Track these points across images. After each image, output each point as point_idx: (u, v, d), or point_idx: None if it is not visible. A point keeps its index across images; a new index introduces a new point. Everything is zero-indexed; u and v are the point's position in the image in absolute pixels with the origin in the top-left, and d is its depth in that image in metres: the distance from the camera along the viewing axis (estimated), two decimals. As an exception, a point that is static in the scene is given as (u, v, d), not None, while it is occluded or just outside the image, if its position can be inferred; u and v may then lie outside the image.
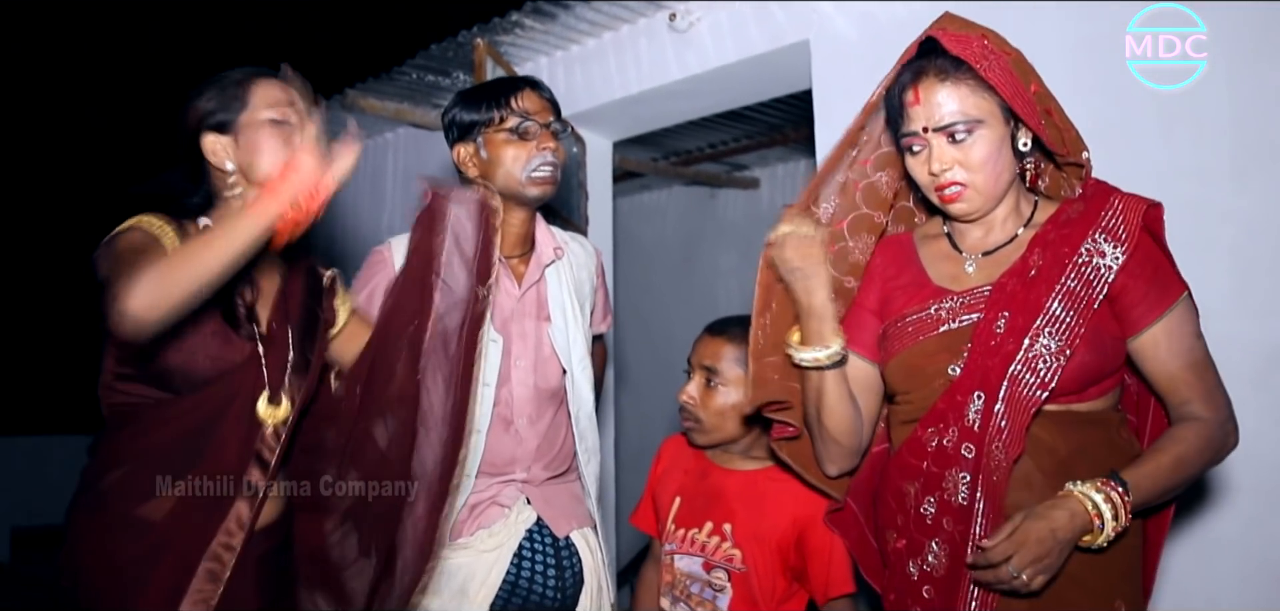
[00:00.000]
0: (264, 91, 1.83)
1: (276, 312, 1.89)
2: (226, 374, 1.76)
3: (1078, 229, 1.61)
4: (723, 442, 2.13)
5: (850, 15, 3.30)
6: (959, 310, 1.69)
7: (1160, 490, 1.57)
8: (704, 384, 2.11)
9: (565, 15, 3.87)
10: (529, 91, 2.19)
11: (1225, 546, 2.43)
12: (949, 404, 1.63)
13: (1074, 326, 1.56)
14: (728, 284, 6.72)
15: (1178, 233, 2.54)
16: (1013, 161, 1.66)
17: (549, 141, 2.15)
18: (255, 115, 1.81)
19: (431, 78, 4.46)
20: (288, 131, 1.81)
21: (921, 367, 1.71)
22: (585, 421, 2.23)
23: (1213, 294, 2.47)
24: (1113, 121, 2.62)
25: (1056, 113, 1.65)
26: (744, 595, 2.03)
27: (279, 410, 1.80)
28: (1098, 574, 1.60)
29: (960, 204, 1.65)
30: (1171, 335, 1.60)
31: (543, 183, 2.14)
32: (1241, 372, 2.41)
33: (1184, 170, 2.53)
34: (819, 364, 1.72)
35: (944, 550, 1.62)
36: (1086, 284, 1.57)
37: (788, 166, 6.52)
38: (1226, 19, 2.48)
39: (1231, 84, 2.47)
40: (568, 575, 2.14)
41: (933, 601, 1.64)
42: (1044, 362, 1.56)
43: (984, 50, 1.61)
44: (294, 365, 1.86)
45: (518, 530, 2.11)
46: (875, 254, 1.88)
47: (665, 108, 4.26)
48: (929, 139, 1.64)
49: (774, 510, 2.02)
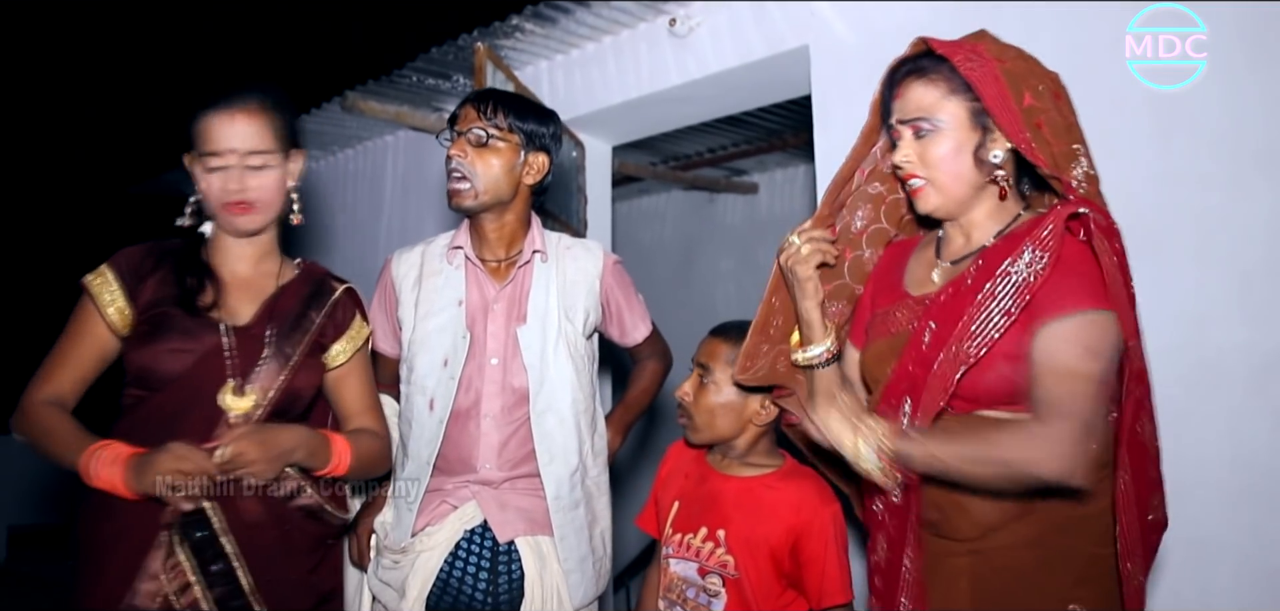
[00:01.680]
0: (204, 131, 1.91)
1: (264, 310, 1.99)
2: (189, 368, 1.87)
3: (1016, 241, 1.59)
4: (715, 442, 2.15)
5: (850, 20, 3.31)
6: (908, 316, 1.74)
7: (945, 464, 1.55)
8: (697, 381, 2.16)
9: (565, 19, 3.88)
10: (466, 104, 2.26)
11: (1222, 551, 2.44)
12: (886, 407, 1.69)
13: (986, 336, 1.55)
14: (726, 288, 6.72)
15: (1175, 239, 2.56)
16: (975, 169, 1.68)
17: (455, 149, 2.21)
18: (199, 151, 1.92)
19: (431, 81, 4.47)
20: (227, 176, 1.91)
21: (873, 366, 1.80)
22: (553, 423, 2.20)
23: (1210, 300, 2.48)
24: (1110, 128, 2.62)
25: (1048, 129, 1.63)
26: (738, 601, 2.03)
27: (243, 401, 1.89)
28: (1047, 574, 1.60)
29: (920, 198, 1.72)
30: (1054, 339, 1.52)
31: (451, 194, 2.21)
32: (1240, 379, 2.43)
33: (1181, 176, 2.54)
34: (804, 363, 1.83)
35: (886, 544, 1.69)
36: (1007, 294, 1.54)
37: (787, 172, 6.52)
38: (1224, 24, 2.48)
39: (1229, 89, 2.48)
40: (503, 581, 2.16)
41: (880, 592, 1.72)
42: (949, 370, 1.57)
43: (971, 51, 1.63)
44: (267, 361, 1.94)
45: (458, 530, 2.19)
46: (883, 256, 1.95)
47: (664, 112, 4.26)
48: (901, 131, 1.71)
49: (768, 517, 2.03)
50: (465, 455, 2.20)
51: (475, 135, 2.18)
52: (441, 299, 2.26)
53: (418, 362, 2.24)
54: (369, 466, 2.10)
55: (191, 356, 1.88)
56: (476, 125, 2.19)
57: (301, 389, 2.00)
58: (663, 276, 7.09)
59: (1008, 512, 1.59)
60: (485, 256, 2.28)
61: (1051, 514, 1.59)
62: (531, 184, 2.27)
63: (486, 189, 2.18)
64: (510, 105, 2.24)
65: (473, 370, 2.20)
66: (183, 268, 1.96)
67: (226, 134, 1.90)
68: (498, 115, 2.21)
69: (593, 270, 2.34)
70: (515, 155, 2.21)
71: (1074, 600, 1.60)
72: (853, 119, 3.30)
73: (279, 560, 1.92)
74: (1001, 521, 1.60)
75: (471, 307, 2.24)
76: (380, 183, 5.62)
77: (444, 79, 4.43)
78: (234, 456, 1.77)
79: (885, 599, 1.69)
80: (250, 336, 1.94)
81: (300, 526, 1.97)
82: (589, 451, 2.27)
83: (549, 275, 2.27)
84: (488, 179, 2.18)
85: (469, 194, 2.18)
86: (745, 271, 6.68)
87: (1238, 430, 2.41)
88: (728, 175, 6.61)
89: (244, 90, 1.94)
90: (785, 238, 1.82)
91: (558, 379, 2.20)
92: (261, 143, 1.93)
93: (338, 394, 2.12)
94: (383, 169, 5.61)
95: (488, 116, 2.20)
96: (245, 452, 1.78)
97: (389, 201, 5.52)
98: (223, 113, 1.91)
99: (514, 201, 2.25)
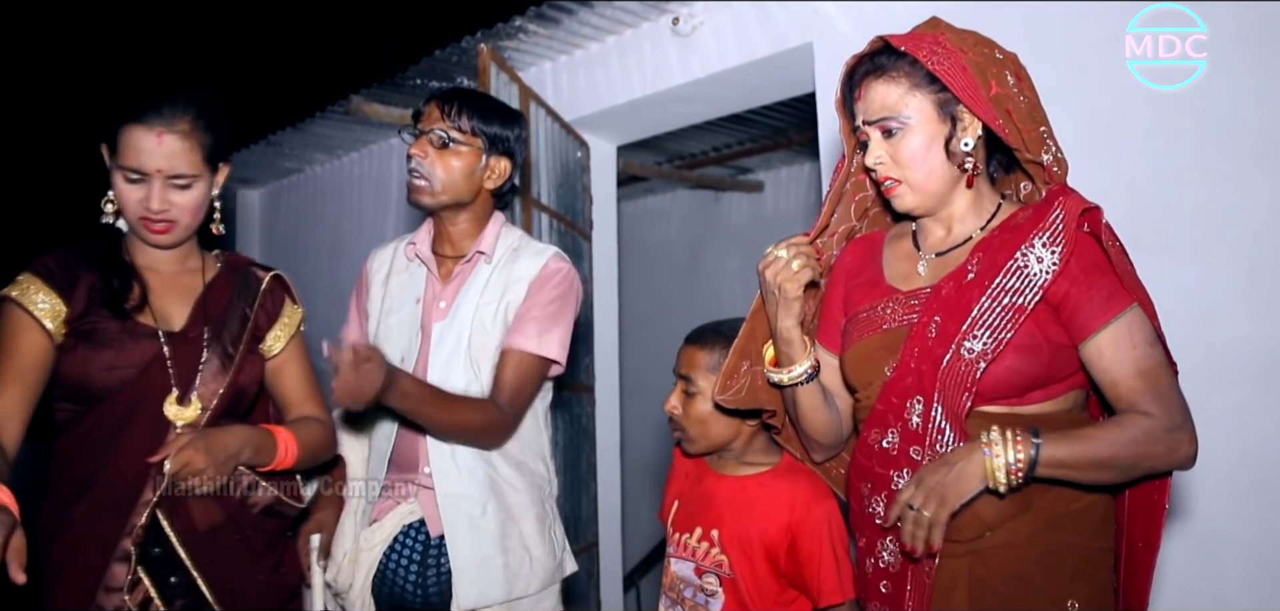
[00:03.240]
0: (128, 141, 1.80)
1: (196, 311, 1.94)
2: (130, 381, 1.82)
3: (1020, 233, 1.60)
4: (711, 449, 2.12)
5: (853, 18, 3.30)
6: (901, 311, 1.71)
7: (1081, 458, 1.53)
8: (683, 393, 2.10)
9: (568, 20, 3.88)
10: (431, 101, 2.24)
11: (1230, 547, 2.43)
12: (886, 405, 1.66)
13: (999, 330, 1.55)
14: (732, 287, 6.72)
15: (1181, 234, 2.56)
16: (946, 161, 1.66)
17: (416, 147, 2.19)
18: (119, 160, 1.82)
19: (436, 84, 4.48)
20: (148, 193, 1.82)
21: (864, 365, 1.75)
22: None
23: (1218, 296, 2.47)
24: (1116, 123, 2.62)
25: (1017, 115, 1.63)
26: (735, 601, 2.01)
27: (187, 410, 1.85)
28: (1044, 571, 1.59)
29: (898, 199, 1.69)
30: (1117, 343, 1.56)
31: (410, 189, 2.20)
32: (1247, 374, 2.42)
33: (1188, 172, 2.53)
34: (782, 384, 1.80)
35: (895, 545, 1.64)
36: (1018, 288, 1.56)
37: (791, 170, 6.52)
38: (1231, 19, 2.48)
39: (1236, 85, 2.47)
40: (432, 574, 2.16)
41: (888, 594, 1.67)
42: (966, 366, 1.56)
43: (935, 44, 1.62)
44: (208, 365, 1.90)
45: (397, 524, 2.20)
46: (844, 252, 1.91)
47: (669, 111, 4.27)
48: (868, 132, 1.69)
49: (762, 515, 2.01)
50: (414, 455, 2.20)
51: (437, 136, 2.17)
52: (403, 295, 2.28)
53: None
54: (316, 453, 2.06)
55: (131, 369, 1.82)
56: (439, 126, 2.18)
57: (246, 386, 1.97)
58: (668, 276, 7.09)
59: (1007, 510, 1.58)
60: (442, 252, 2.28)
61: (1048, 509, 1.59)
62: (492, 188, 2.26)
63: (444, 189, 2.17)
64: (474, 107, 2.22)
65: (421, 370, 2.19)
66: (108, 271, 1.87)
67: (150, 152, 1.79)
68: (461, 117, 2.19)
69: (528, 270, 2.24)
70: (476, 159, 2.20)
71: (1071, 596, 1.59)
72: (857, 116, 3.31)
73: (240, 564, 1.89)
74: (999, 519, 1.59)
75: (425, 306, 2.24)
76: (385, 186, 5.64)
77: (448, 82, 4.44)
78: (181, 467, 1.72)
79: (893, 603, 1.66)
80: (187, 341, 1.89)
81: (258, 525, 1.93)
82: (499, 455, 2.20)
83: (484, 277, 2.23)
84: (446, 180, 2.17)
85: (426, 192, 2.17)
86: (751, 271, 6.61)
87: (1246, 425, 2.40)
88: (733, 174, 6.61)
89: (174, 103, 1.82)
90: (770, 251, 1.77)
91: (461, 382, 2.15)
92: (187, 165, 1.83)
93: (277, 383, 2.07)
94: (388, 172, 5.62)
95: (451, 118, 2.18)
96: (192, 461, 1.73)
97: (394, 204, 5.54)
98: (148, 129, 1.79)
99: (473, 203, 2.24)
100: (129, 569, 1.75)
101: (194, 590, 1.82)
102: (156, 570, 1.79)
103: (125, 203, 1.84)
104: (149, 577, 1.78)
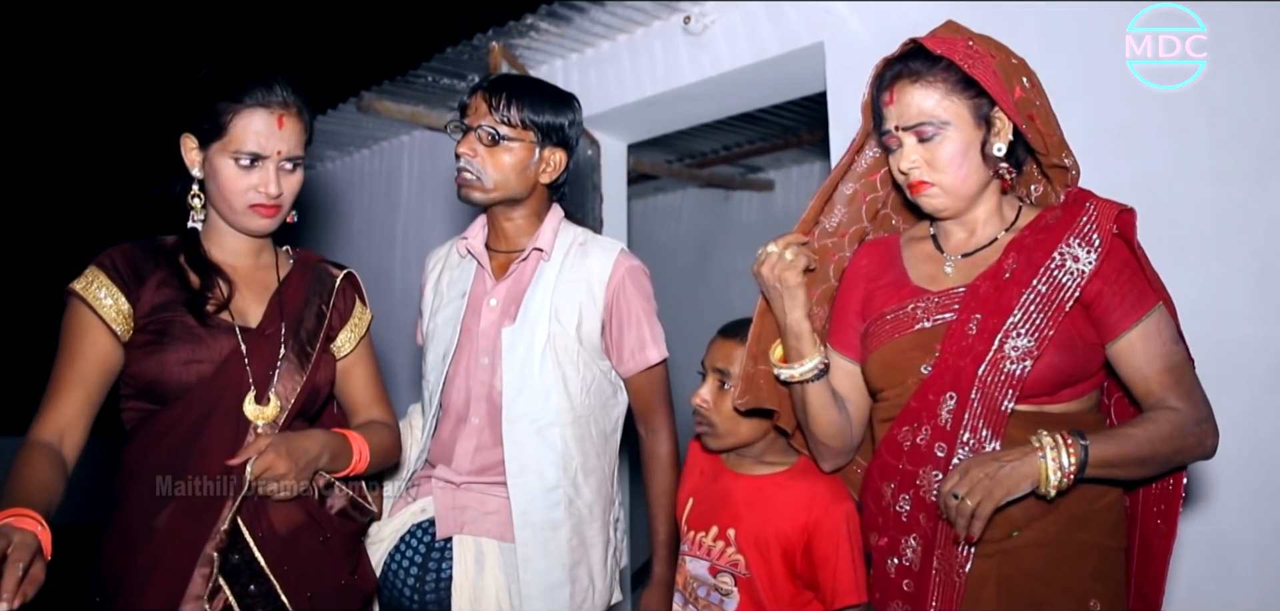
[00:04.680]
0: (245, 124, 1.78)
1: (272, 308, 1.89)
2: (207, 378, 1.76)
3: (1053, 234, 1.63)
4: (736, 447, 2.11)
5: (864, 17, 3.30)
6: (934, 310, 1.72)
7: (1124, 455, 1.55)
8: (717, 387, 2.07)
9: (580, 18, 3.88)
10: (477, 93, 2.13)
11: (1240, 547, 2.42)
12: (921, 403, 1.66)
13: (1043, 328, 1.58)
14: (742, 286, 6.69)
15: (1194, 235, 2.54)
16: (981, 165, 1.68)
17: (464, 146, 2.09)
18: (228, 146, 1.78)
19: (446, 81, 4.48)
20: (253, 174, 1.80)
21: (896, 365, 1.74)
22: (526, 432, 2.06)
23: (1230, 296, 2.46)
24: (1127, 123, 2.61)
25: (1039, 119, 1.66)
26: (751, 600, 2.00)
27: (267, 409, 1.81)
28: (1069, 571, 1.60)
29: (927, 198, 1.70)
30: (1147, 340, 1.60)
31: (459, 185, 2.10)
32: (1258, 374, 2.41)
33: (1200, 172, 2.52)
34: (793, 380, 1.80)
35: (919, 545, 1.65)
36: (1057, 287, 1.59)
37: (802, 169, 6.51)
38: (1243, 19, 2.46)
39: (1248, 84, 2.46)
40: (431, 579, 2.06)
41: (910, 593, 1.67)
42: (1012, 363, 1.58)
43: (969, 50, 1.64)
44: (285, 362, 1.85)
45: (407, 522, 2.13)
46: (858, 255, 1.91)
47: (679, 110, 4.26)
48: (901, 137, 1.69)
49: (779, 515, 2.00)
50: (445, 453, 2.13)
51: (485, 133, 2.05)
52: (452, 292, 2.20)
53: (428, 355, 2.22)
54: (384, 458, 2.02)
55: (209, 365, 1.76)
56: (487, 121, 2.05)
57: (321, 386, 1.93)
58: (678, 275, 7.09)
59: (1035, 510, 1.59)
60: (496, 247, 2.19)
61: (1072, 507, 1.60)
62: (548, 181, 2.15)
63: (496, 187, 2.07)
64: (525, 96, 2.08)
65: (463, 366, 2.12)
66: (185, 268, 1.82)
67: (271, 135, 1.78)
68: (511, 109, 2.05)
69: (600, 270, 2.13)
70: (529, 153, 2.08)
71: (1094, 596, 1.61)
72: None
73: (320, 568, 1.84)
74: (1027, 519, 1.59)
75: (472, 302, 2.15)
76: (396, 183, 5.64)
77: (459, 78, 4.44)
78: (263, 470, 1.70)
79: (916, 602, 1.65)
80: (264, 338, 1.84)
81: (338, 528, 1.89)
82: (580, 470, 2.09)
83: (551, 274, 2.11)
84: (498, 178, 2.06)
85: (476, 188, 2.07)
86: (761, 269, 6.67)
87: (1256, 427, 2.39)
88: (743, 173, 6.60)
89: (285, 86, 1.81)
90: (762, 250, 1.79)
91: (540, 387, 2.05)
92: (300, 147, 1.84)
93: (345, 385, 2.03)
94: (398, 169, 5.63)
95: (499, 110, 2.05)
96: (274, 466, 1.70)
97: (405, 202, 5.54)
98: (270, 111, 1.78)
99: (529, 198, 2.14)
100: (210, 575, 1.68)
101: (273, 598, 1.76)
102: (235, 578, 1.74)
103: (232, 189, 1.79)
104: (227, 585, 1.72)
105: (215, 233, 1.89)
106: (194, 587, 1.67)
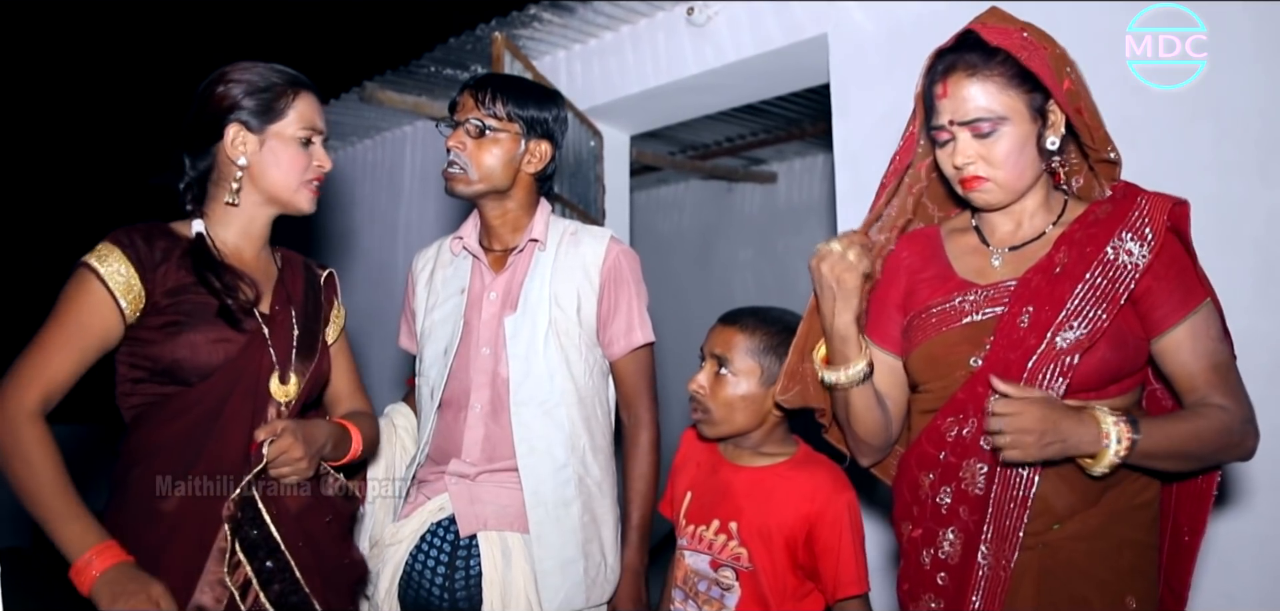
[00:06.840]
0: (304, 107, 1.91)
1: (278, 296, 1.94)
2: (233, 358, 1.80)
3: (1105, 227, 1.61)
4: (731, 435, 2.10)
5: (868, 9, 3.29)
6: (983, 303, 1.69)
7: (1170, 447, 1.55)
8: (714, 373, 2.07)
9: (583, 9, 3.88)
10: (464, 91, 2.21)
11: (1244, 544, 2.42)
12: (969, 394, 1.63)
13: (1097, 322, 1.55)
14: (744, 277, 6.72)
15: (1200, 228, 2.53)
16: (1036, 159, 1.66)
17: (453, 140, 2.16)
18: (288, 128, 1.89)
19: (449, 71, 4.48)
20: (311, 153, 1.92)
21: (943, 358, 1.71)
22: (534, 415, 2.11)
23: (1235, 290, 2.45)
24: (1133, 117, 2.61)
25: (1086, 111, 1.64)
26: (753, 594, 2.00)
27: (288, 388, 1.87)
28: (1107, 566, 1.59)
29: (981, 194, 1.66)
30: (1195, 337, 1.59)
31: (446, 178, 2.17)
32: (1261, 366, 2.40)
33: (1205, 165, 2.52)
34: (838, 384, 1.77)
35: (959, 538, 1.63)
36: (1111, 281, 1.57)
37: (805, 161, 6.51)
38: (1245, 12, 2.46)
39: (1253, 78, 2.46)
40: (460, 576, 2.08)
41: (946, 587, 1.65)
42: (1064, 357, 1.55)
43: (1024, 41, 1.60)
44: (299, 343, 1.92)
45: (425, 522, 2.15)
46: (898, 247, 1.88)
47: (682, 102, 4.26)
48: (955, 131, 1.64)
49: (781, 506, 1.99)
50: (451, 445, 2.16)
51: (473, 125, 2.13)
52: (448, 289, 2.25)
53: (425, 353, 2.25)
54: (371, 448, 2.10)
55: (235, 345, 1.80)
56: (474, 115, 2.13)
57: (325, 372, 1.99)
58: (681, 266, 7.09)
59: (1077, 503, 1.58)
60: (490, 245, 2.25)
61: (1114, 503, 1.59)
62: (534, 172, 2.20)
63: (482, 177, 2.13)
64: (509, 92, 2.16)
65: (465, 360, 2.16)
66: (198, 252, 1.84)
67: (320, 116, 1.94)
68: (496, 103, 2.14)
69: (594, 255, 2.20)
70: (515, 145, 2.15)
71: (1130, 592, 1.60)
72: (872, 107, 3.30)
73: (326, 546, 1.90)
74: (1069, 512, 1.59)
75: (472, 297, 2.21)
76: (398, 173, 5.64)
77: (462, 69, 4.44)
78: (278, 453, 1.76)
79: (953, 598, 1.63)
80: (277, 321, 1.89)
81: (339, 509, 1.96)
82: (588, 448, 2.16)
83: (547, 264, 2.18)
84: (484, 169, 2.13)
85: (461, 180, 2.13)
86: (764, 261, 6.67)
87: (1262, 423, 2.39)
88: (746, 164, 6.60)
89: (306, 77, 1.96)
90: (823, 246, 1.74)
91: (544, 370, 2.11)
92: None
93: (330, 377, 2.09)
94: (401, 159, 5.63)
95: (485, 105, 2.13)
96: (290, 450, 1.77)
97: (407, 192, 5.54)
98: (314, 95, 1.93)
99: (514, 189, 2.19)
100: (228, 545, 1.73)
101: (287, 571, 1.81)
102: (253, 553, 1.78)
103: (290, 170, 1.90)
104: (247, 559, 1.77)
105: (223, 226, 1.92)
106: (212, 556, 1.73)
